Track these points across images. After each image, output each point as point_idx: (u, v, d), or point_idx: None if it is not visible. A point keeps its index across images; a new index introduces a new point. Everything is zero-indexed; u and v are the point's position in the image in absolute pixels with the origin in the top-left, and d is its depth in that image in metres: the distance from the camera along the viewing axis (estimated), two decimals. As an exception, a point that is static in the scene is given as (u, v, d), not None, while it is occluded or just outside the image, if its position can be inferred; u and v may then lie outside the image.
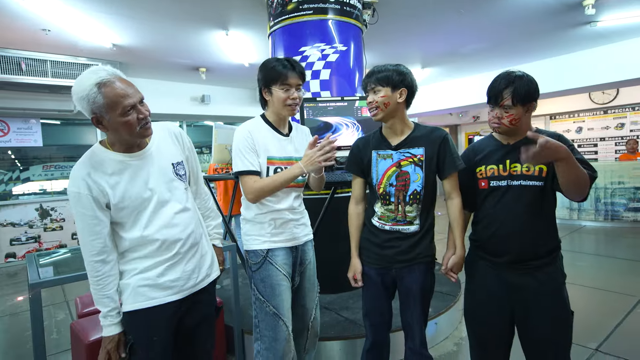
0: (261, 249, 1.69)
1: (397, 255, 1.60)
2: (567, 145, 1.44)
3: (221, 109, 7.20)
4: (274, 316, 1.65)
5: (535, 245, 1.46)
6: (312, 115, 2.60)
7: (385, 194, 1.61)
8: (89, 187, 1.23)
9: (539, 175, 1.45)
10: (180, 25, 4.19)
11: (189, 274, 1.40)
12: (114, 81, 1.22)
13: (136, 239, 1.31)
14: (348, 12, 3.16)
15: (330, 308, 2.76)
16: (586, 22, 4.59)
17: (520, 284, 1.48)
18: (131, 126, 1.24)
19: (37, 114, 5.68)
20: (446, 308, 2.71)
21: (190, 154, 1.53)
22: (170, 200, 1.37)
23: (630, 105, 8.02)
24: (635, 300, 3.21)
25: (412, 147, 1.59)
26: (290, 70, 1.63)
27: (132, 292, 1.32)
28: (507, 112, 1.45)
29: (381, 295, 1.67)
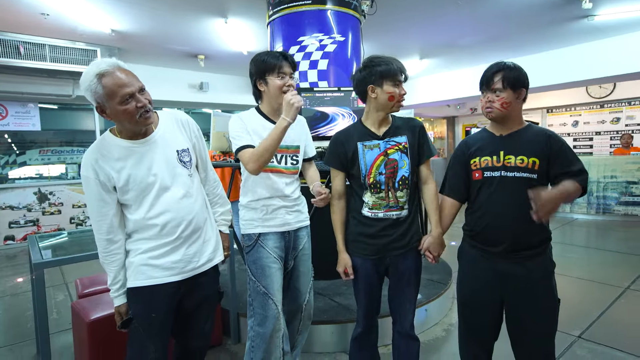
0: (253, 233, 1.78)
1: (392, 242, 1.65)
2: (559, 144, 1.51)
3: (219, 96, 7.19)
4: (264, 295, 1.74)
5: (528, 235, 1.52)
6: (309, 105, 2.64)
7: (376, 182, 1.65)
8: (96, 172, 1.33)
9: (532, 167, 1.50)
10: (179, 12, 4.19)
11: (190, 257, 1.47)
12: (114, 71, 1.28)
13: (139, 221, 1.39)
14: (347, 3, 3.18)
15: (324, 294, 2.84)
16: (583, 16, 4.60)
17: (512, 273, 1.53)
18: (131, 114, 1.30)
19: (35, 98, 5.67)
20: (437, 295, 2.79)
21: (198, 142, 1.58)
22: (173, 185, 1.43)
23: (627, 100, 8.06)
24: (620, 291, 3.30)
25: (395, 135, 1.66)
26: (283, 60, 1.71)
27: (135, 270, 1.41)
28: (498, 96, 1.50)
29: (374, 283, 1.72)
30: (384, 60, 1.59)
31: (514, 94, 1.50)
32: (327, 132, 2.66)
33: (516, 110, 1.55)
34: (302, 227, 1.88)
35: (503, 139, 1.57)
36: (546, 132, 1.54)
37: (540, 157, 1.49)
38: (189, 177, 1.49)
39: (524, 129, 1.57)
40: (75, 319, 2.18)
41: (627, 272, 3.80)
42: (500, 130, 1.59)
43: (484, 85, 1.55)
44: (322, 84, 3.06)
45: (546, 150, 1.49)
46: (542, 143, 1.51)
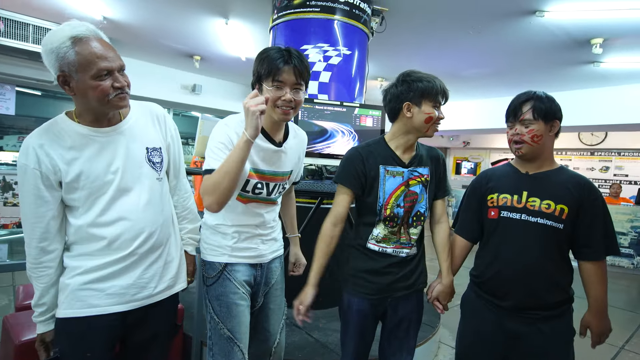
0: (219, 262, 1.44)
1: (396, 282, 1.43)
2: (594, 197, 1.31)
3: (211, 100, 6.99)
4: (229, 340, 1.41)
5: (543, 292, 1.31)
6: (307, 118, 2.41)
7: (393, 215, 1.40)
8: (39, 161, 1.07)
9: (559, 215, 1.29)
10: (179, 7, 3.98)
11: (145, 281, 1.20)
12: (92, 39, 1.06)
13: (83, 229, 1.13)
14: (356, 16, 3.01)
15: (300, 327, 2.55)
16: (591, 61, 4.61)
17: (521, 334, 1.32)
18: (102, 92, 1.07)
19: (13, 80, 5.31)
20: (424, 340, 2.54)
21: (173, 143, 1.35)
22: (135, 188, 1.18)
23: (617, 150, 8.18)
24: (615, 350, 3.12)
25: (420, 165, 1.44)
26: (285, 63, 1.27)
27: (70, 295, 1.12)
28: (528, 128, 1.32)
29: (370, 327, 1.49)
30: (426, 77, 1.36)
31: (546, 126, 1.31)
32: (324, 149, 2.42)
33: (548, 147, 1.36)
34: (276, 258, 1.58)
35: (529, 178, 1.36)
36: (584, 179, 1.34)
37: (570, 205, 1.28)
38: (157, 182, 1.25)
39: (555, 170, 1.37)
40: (4, 336, 1.83)
41: (618, 328, 3.62)
42: (527, 168, 1.38)
43: (511, 116, 1.36)
44: (321, 97, 2.85)
45: (578, 198, 1.28)
46: (577, 190, 1.29)
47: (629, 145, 7.89)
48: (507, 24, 3.76)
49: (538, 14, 3.37)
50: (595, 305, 1.34)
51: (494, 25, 3.83)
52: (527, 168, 1.39)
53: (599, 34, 3.80)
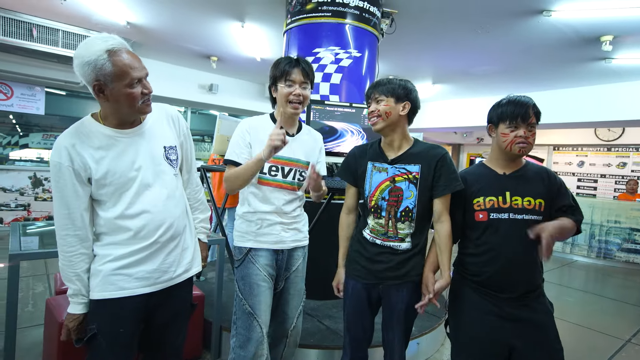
0: (244, 247, 1.67)
1: (387, 271, 1.55)
2: (558, 182, 1.50)
3: (228, 99, 7.15)
4: (249, 315, 1.62)
5: (534, 278, 1.47)
6: (318, 118, 2.56)
7: (377, 207, 1.56)
8: (71, 159, 1.18)
9: (538, 209, 1.45)
10: (197, 11, 4.15)
11: (167, 266, 1.33)
12: (123, 51, 1.18)
13: (112, 221, 1.25)
14: (366, 19, 3.13)
15: (313, 315, 2.71)
16: (601, 58, 4.59)
17: (522, 317, 1.44)
18: (135, 99, 1.20)
19: (43, 82, 5.61)
20: (430, 329, 2.66)
21: (186, 141, 1.47)
22: (156, 184, 1.30)
23: (634, 146, 8.03)
24: (620, 343, 3.17)
25: (408, 163, 1.54)
26: (293, 66, 1.61)
27: (103, 280, 1.24)
28: (531, 131, 1.45)
29: (365, 311, 1.62)
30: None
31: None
32: (334, 148, 2.57)
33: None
34: (298, 247, 1.75)
35: (507, 179, 1.49)
36: (545, 171, 1.52)
37: (544, 198, 1.46)
38: (174, 177, 1.38)
39: (524, 167, 1.52)
40: (48, 316, 2.05)
41: (627, 323, 3.66)
42: (503, 168, 1.51)
43: (518, 118, 1.43)
44: (333, 98, 2.98)
45: (549, 190, 1.47)
46: (545, 183, 1.48)
47: (648, 141, 7.76)
48: (514, 23, 3.80)
49: (545, 13, 3.41)
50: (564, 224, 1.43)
51: (502, 25, 3.88)
52: (503, 169, 1.51)
53: (608, 31, 3.80)
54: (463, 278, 1.55)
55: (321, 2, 3.02)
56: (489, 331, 1.47)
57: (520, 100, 1.46)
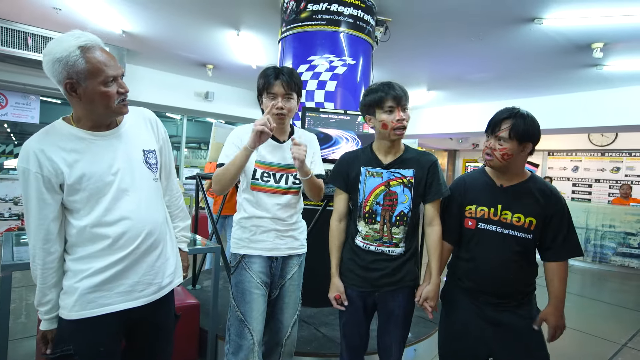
0: (239, 253, 1.67)
1: (383, 277, 1.55)
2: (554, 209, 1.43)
3: (224, 107, 7.16)
4: (241, 322, 1.61)
5: (517, 290, 1.47)
6: (314, 125, 2.57)
7: (372, 212, 1.56)
8: (40, 164, 1.08)
9: (528, 227, 1.44)
10: (193, 20, 4.17)
11: (151, 278, 1.25)
12: (97, 48, 1.11)
13: (86, 230, 1.15)
14: (360, 27, 3.15)
15: (309, 322, 2.70)
16: (593, 65, 4.64)
17: (500, 321, 1.46)
18: (110, 98, 1.12)
19: (38, 91, 5.60)
20: (427, 335, 2.65)
21: (165, 145, 1.40)
22: (134, 189, 1.21)
23: (627, 151, 8.10)
24: (617, 347, 3.17)
25: (402, 167, 1.55)
26: (275, 79, 1.58)
27: (80, 299, 1.14)
28: (501, 145, 1.40)
29: (361, 319, 1.62)
30: (374, 89, 1.53)
31: (519, 147, 1.40)
32: (330, 155, 2.58)
33: (518, 163, 1.47)
34: (293, 255, 1.74)
35: (503, 191, 1.49)
36: (547, 190, 1.46)
37: (537, 217, 1.43)
38: (154, 182, 1.30)
39: (525, 182, 1.48)
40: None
41: (623, 327, 3.66)
42: (500, 180, 1.50)
43: (489, 129, 1.44)
44: (328, 105, 3.00)
45: (544, 210, 1.43)
46: (542, 202, 1.43)
47: (640, 145, 7.84)
48: (507, 31, 3.85)
49: (537, 21, 3.45)
50: (555, 301, 1.44)
51: (495, 32, 3.92)
52: (501, 180, 1.50)
53: (599, 38, 3.85)
54: (453, 280, 1.58)
55: (316, 11, 3.04)
56: (470, 332, 1.50)
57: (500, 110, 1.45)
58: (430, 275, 1.55)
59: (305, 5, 3.07)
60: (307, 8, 3.06)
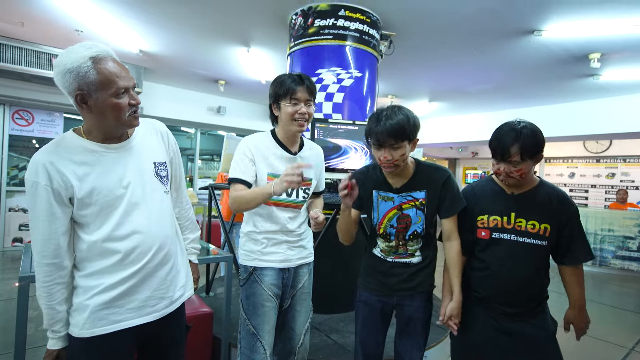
0: (250, 265, 1.55)
1: (400, 283, 1.48)
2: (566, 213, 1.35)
3: (235, 120, 7.14)
4: (253, 336, 1.51)
5: (532, 298, 1.39)
6: (323, 136, 2.49)
7: (386, 234, 1.49)
8: (50, 177, 1.00)
9: (543, 234, 1.34)
10: (205, 38, 4.15)
11: (162, 292, 1.16)
12: (109, 59, 1.03)
13: (96, 245, 1.07)
14: (366, 41, 3.09)
15: (320, 329, 2.58)
16: (590, 75, 4.53)
17: (515, 331, 1.37)
18: (121, 110, 1.05)
19: (61, 108, 5.62)
20: (436, 342, 2.52)
21: (175, 157, 1.32)
22: (145, 202, 1.13)
23: (622, 157, 7.93)
24: (624, 352, 3.01)
25: (414, 190, 1.45)
26: (298, 84, 1.48)
27: (92, 316, 1.06)
28: (516, 167, 1.31)
29: (379, 324, 1.53)
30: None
31: (532, 162, 1.31)
32: (339, 165, 2.49)
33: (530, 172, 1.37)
34: (304, 264, 1.64)
35: (514, 199, 1.39)
36: (558, 194, 1.37)
37: (551, 223, 1.34)
38: (165, 194, 1.22)
39: (535, 188, 1.39)
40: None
41: (628, 330, 3.50)
42: (511, 188, 1.41)
43: (499, 156, 1.33)
44: (336, 116, 2.92)
45: (558, 216, 1.34)
46: (554, 208, 1.34)
47: (634, 152, 7.65)
48: (507, 43, 3.77)
49: (536, 33, 3.37)
50: (576, 304, 1.42)
51: (495, 45, 3.84)
52: (512, 189, 1.41)
53: (596, 49, 3.75)
54: (467, 290, 1.47)
55: (323, 26, 2.98)
56: (487, 343, 1.41)
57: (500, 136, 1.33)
58: (451, 292, 1.44)
59: (313, 21, 3.01)
60: (315, 24, 3.00)
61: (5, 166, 5.39)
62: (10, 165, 5.46)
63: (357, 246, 1.65)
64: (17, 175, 5.52)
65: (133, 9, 3.48)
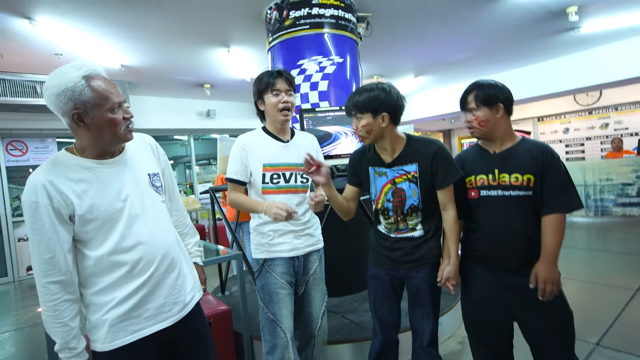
0: (261, 258, 1.66)
1: (404, 256, 1.55)
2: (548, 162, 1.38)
3: (226, 122, 7.15)
4: (272, 322, 1.61)
5: (529, 251, 1.41)
6: (312, 125, 2.53)
7: (384, 209, 1.56)
8: (50, 196, 1.01)
9: (527, 185, 1.39)
10: (184, 45, 4.16)
11: (175, 297, 1.20)
12: (99, 77, 1.06)
13: (103, 259, 1.09)
14: (343, 26, 3.11)
15: (336, 312, 2.67)
16: (570, 28, 4.53)
17: (520, 286, 1.41)
18: (117, 125, 1.07)
19: (53, 134, 5.65)
20: (449, 308, 2.61)
21: (166, 168, 1.35)
22: (145, 213, 1.16)
23: (614, 106, 7.95)
24: (630, 294, 3.10)
25: (405, 164, 1.51)
26: (277, 77, 1.63)
27: (112, 329, 1.08)
28: (474, 115, 1.44)
29: (389, 293, 1.61)
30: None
31: (491, 111, 1.41)
32: (332, 151, 2.54)
33: (501, 126, 1.44)
34: (313, 251, 1.73)
35: (496, 157, 1.46)
36: (539, 147, 1.42)
37: (534, 173, 1.38)
38: (162, 204, 1.25)
39: (517, 144, 1.46)
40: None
41: (633, 273, 3.59)
42: (493, 147, 1.48)
43: (461, 106, 1.49)
44: (323, 104, 2.96)
45: (539, 165, 1.38)
46: (534, 158, 1.39)
47: (625, 99, 7.66)
48: (483, 8, 3.76)
49: (509, -6, 3.38)
50: (546, 254, 1.38)
51: (470, 11, 3.84)
52: (493, 147, 1.47)
53: (572, 2, 3.74)
54: (466, 252, 1.55)
55: (298, 17, 3.00)
56: (491, 300, 1.47)
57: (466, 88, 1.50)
58: (449, 256, 1.51)
59: (288, 13, 3.03)
60: (290, 15, 3.02)
61: (7, 198, 5.45)
62: (12, 197, 5.52)
63: (363, 228, 1.73)
64: (19, 207, 5.58)
65: (110, 25, 3.49)
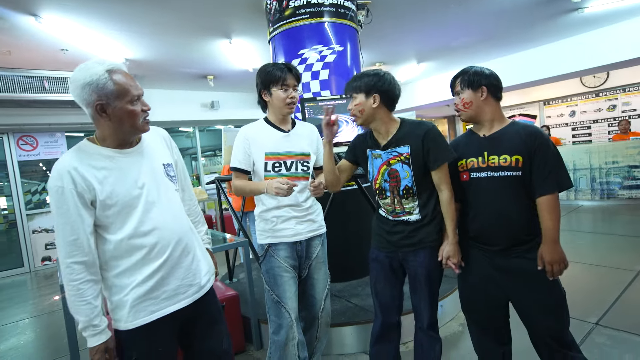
0: (265, 243, 1.73)
1: (403, 239, 1.60)
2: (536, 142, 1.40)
3: (230, 113, 7.20)
4: (277, 304, 1.69)
5: (521, 231, 1.44)
6: (314, 115, 2.57)
7: (382, 189, 1.63)
8: (74, 181, 1.10)
9: (515, 165, 1.42)
10: (187, 37, 4.19)
11: (190, 279, 1.29)
12: (120, 71, 1.16)
13: (123, 243, 1.17)
14: (343, 14, 3.11)
15: (340, 296, 2.75)
16: (573, 9, 4.45)
17: (512, 268, 1.45)
18: (137, 116, 1.17)
19: (62, 128, 5.76)
20: (451, 291, 2.68)
21: (179, 160, 1.44)
22: (160, 200, 1.24)
23: (621, 87, 7.80)
24: (633, 274, 3.13)
25: (398, 145, 1.56)
26: (287, 72, 1.67)
27: (133, 309, 1.17)
28: (460, 97, 1.51)
29: (389, 276, 1.66)
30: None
31: (474, 93, 1.48)
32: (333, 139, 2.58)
33: (488, 110, 1.49)
34: (315, 236, 1.79)
35: (486, 140, 1.50)
36: (528, 129, 1.45)
37: (523, 154, 1.41)
38: (176, 192, 1.34)
39: (506, 127, 1.49)
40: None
41: (637, 255, 3.61)
42: (483, 131, 1.52)
43: (451, 92, 1.57)
44: (324, 93, 2.98)
45: (527, 146, 1.41)
46: (523, 139, 1.42)
47: (633, 79, 7.51)
48: (485, -8, 3.73)
49: (511, -23, 3.34)
50: (547, 236, 1.39)
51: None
52: (483, 131, 1.52)
53: (575, -18, 3.70)
54: (461, 234, 1.59)
55: (298, 7, 3.01)
56: (484, 280, 1.52)
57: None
58: (447, 236, 1.56)
59: (287, 3, 3.04)
60: (290, 5, 3.03)
61: (21, 192, 5.60)
62: (24, 191, 5.67)
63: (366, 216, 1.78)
64: (31, 200, 5.73)
65: (114, 20, 3.54)
